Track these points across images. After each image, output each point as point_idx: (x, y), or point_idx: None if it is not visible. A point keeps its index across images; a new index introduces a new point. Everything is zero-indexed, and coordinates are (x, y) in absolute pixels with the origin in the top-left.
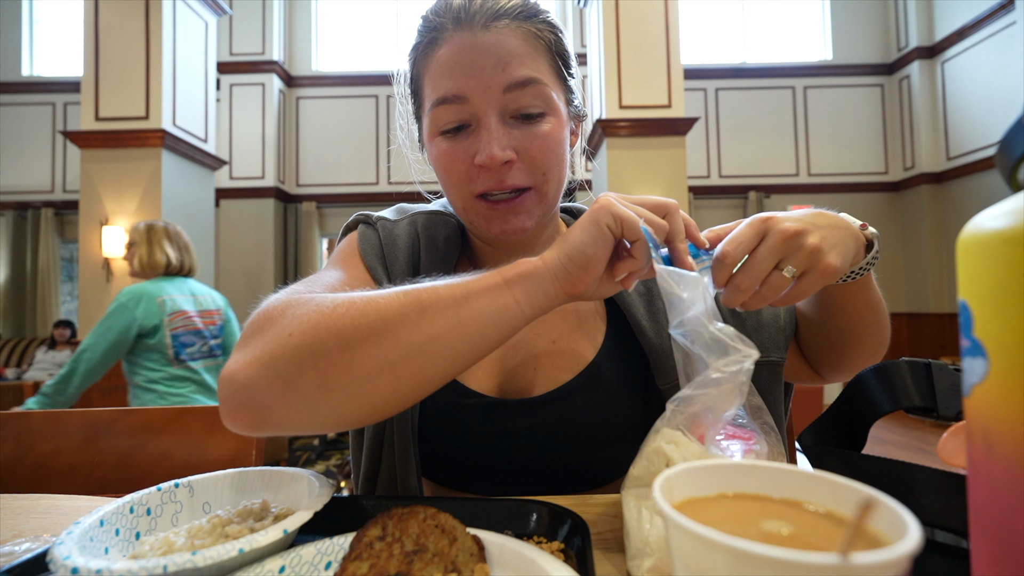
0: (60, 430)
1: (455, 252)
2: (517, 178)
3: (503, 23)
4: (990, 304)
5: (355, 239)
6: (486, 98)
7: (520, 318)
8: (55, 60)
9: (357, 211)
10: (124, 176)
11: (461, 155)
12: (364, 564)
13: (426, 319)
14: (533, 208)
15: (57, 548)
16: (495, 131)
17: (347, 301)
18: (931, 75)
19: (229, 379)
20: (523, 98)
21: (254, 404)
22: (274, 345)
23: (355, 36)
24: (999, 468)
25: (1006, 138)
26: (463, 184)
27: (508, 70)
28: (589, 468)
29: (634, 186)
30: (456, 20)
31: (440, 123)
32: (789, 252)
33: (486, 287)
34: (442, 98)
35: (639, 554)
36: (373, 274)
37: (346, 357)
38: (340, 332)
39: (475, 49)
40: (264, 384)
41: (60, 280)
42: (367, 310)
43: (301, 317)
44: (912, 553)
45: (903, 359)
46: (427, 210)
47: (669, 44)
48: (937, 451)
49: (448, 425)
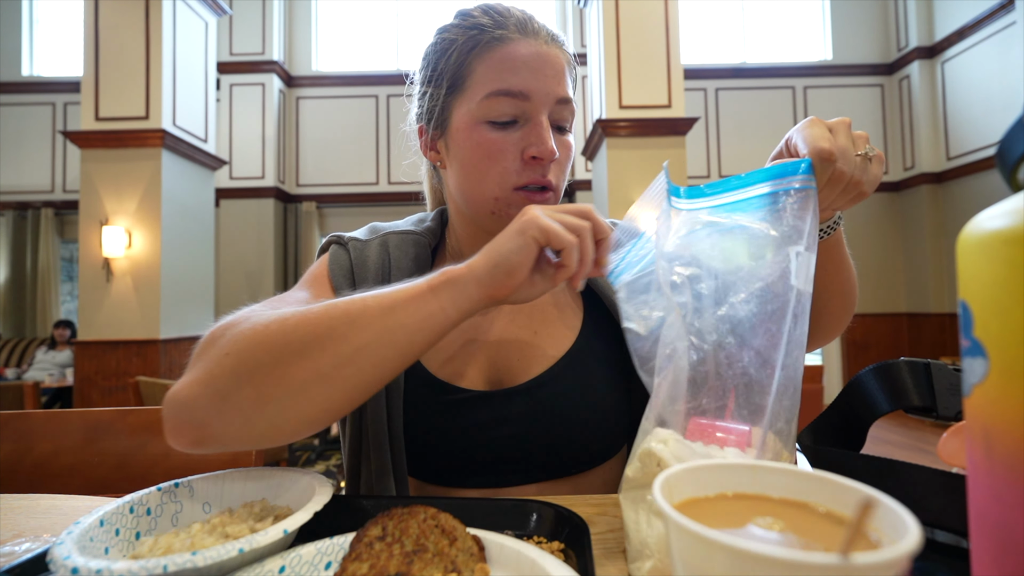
0: (60, 430)
1: (424, 270)
2: (552, 176)
3: (557, 45)
4: (990, 304)
5: (326, 260)
6: (545, 101)
7: (446, 322)
8: (55, 60)
9: (357, 211)
10: (124, 176)
11: (510, 147)
12: (364, 564)
13: (354, 330)
14: (551, 204)
15: (57, 548)
16: (550, 130)
17: (280, 318)
18: (931, 75)
19: (171, 399)
20: (564, 111)
21: (194, 421)
22: (212, 365)
23: (355, 36)
24: (999, 468)
25: (1006, 138)
26: (506, 174)
27: (562, 85)
28: (577, 450)
29: (634, 186)
30: (520, 28)
31: (494, 112)
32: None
33: (412, 296)
34: (505, 90)
35: (639, 556)
36: (339, 295)
37: (279, 371)
38: (273, 347)
39: (543, 57)
40: (203, 402)
41: (60, 280)
42: (298, 325)
43: (237, 336)
44: (912, 553)
45: (902, 359)
46: (399, 230)
47: (669, 44)
48: (937, 451)
49: (439, 424)
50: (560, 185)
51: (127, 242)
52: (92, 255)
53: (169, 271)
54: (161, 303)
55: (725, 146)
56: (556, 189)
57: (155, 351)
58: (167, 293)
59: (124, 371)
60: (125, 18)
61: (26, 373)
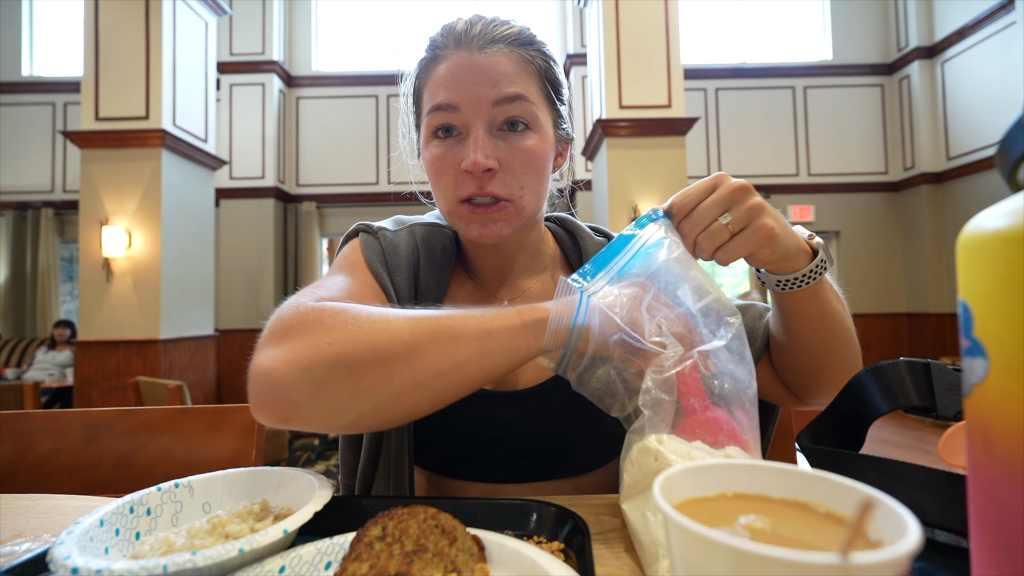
0: (60, 430)
1: (450, 261)
2: (496, 187)
3: (497, 47)
4: (990, 304)
5: (358, 246)
6: (475, 110)
7: (528, 357)
8: (55, 60)
9: (357, 211)
10: (124, 176)
11: (450, 161)
12: (364, 564)
13: (453, 347)
14: (511, 218)
15: (57, 548)
16: (481, 140)
17: (383, 319)
18: (931, 75)
19: (264, 375)
20: (511, 110)
21: (288, 402)
22: (312, 350)
23: (355, 36)
24: (999, 468)
25: (1006, 138)
26: (450, 188)
27: (498, 87)
28: (581, 453)
29: (634, 186)
30: (457, 41)
31: (432, 127)
32: (732, 205)
33: (505, 326)
34: (437, 105)
35: (654, 559)
36: (379, 280)
37: (379, 372)
38: (376, 348)
39: (470, 66)
40: (300, 386)
41: (60, 280)
42: (402, 331)
43: (340, 328)
44: (912, 553)
45: (901, 359)
46: (424, 222)
47: (669, 44)
48: (937, 451)
49: (441, 416)
50: (520, 194)
51: (127, 242)
52: (92, 255)
53: (169, 271)
54: (161, 303)
55: (725, 146)
56: (512, 199)
57: (155, 351)
58: (167, 293)
59: (124, 371)
60: (125, 18)
61: (26, 373)
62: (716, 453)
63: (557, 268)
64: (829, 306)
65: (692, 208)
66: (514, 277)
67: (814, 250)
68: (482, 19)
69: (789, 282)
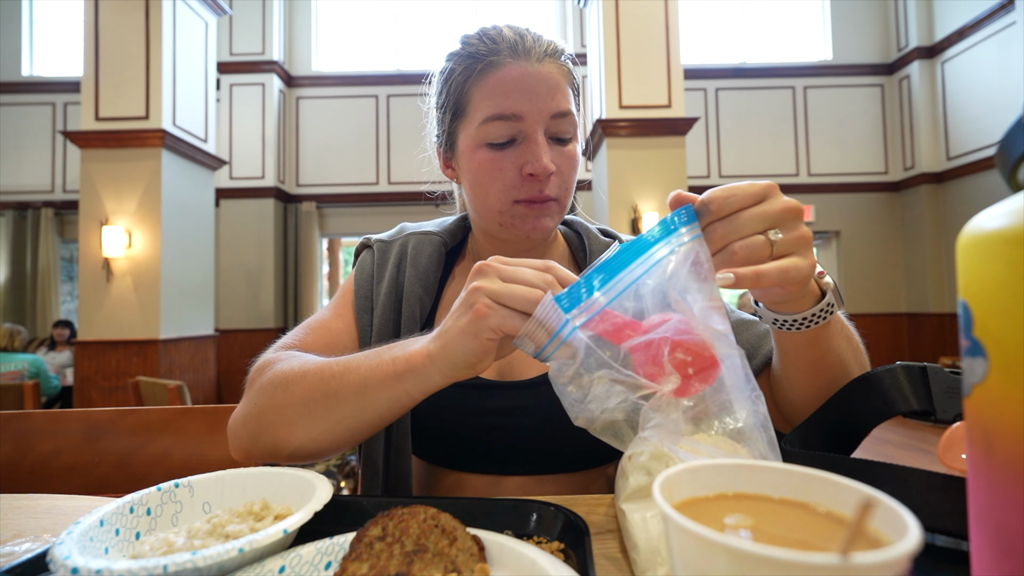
0: (60, 430)
1: (438, 267)
2: (552, 189)
3: (550, 60)
4: (990, 304)
5: (353, 275)
6: (538, 119)
7: (412, 402)
8: (55, 60)
9: (357, 211)
10: (124, 176)
11: (508, 165)
12: (364, 564)
13: (335, 404)
14: (555, 215)
15: (57, 548)
16: (545, 147)
17: (292, 380)
18: (931, 75)
19: (230, 423)
20: (562, 124)
21: (240, 448)
22: (246, 408)
23: (355, 36)
24: (999, 468)
25: (1006, 138)
26: (506, 190)
27: (556, 100)
28: (581, 447)
29: (634, 186)
30: (512, 51)
31: (490, 136)
32: (782, 224)
33: (380, 379)
34: (499, 114)
35: (651, 565)
36: (357, 306)
37: (285, 429)
38: (280, 410)
39: (533, 76)
40: (243, 436)
41: (60, 280)
42: (301, 394)
43: (264, 389)
44: (912, 553)
45: (898, 364)
46: (421, 231)
47: (669, 44)
48: (937, 455)
49: (444, 408)
50: (564, 195)
51: (127, 242)
52: (92, 255)
53: (169, 271)
54: (161, 303)
55: (725, 146)
56: (559, 199)
57: (155, 351)
58: (167, 293)
59: (124, 371)
60: (125, 18)
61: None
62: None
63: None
64: (832, 352)
65: (734, 212)
66: None
67: (823, 290)
68: (528, 30)
69: (788, 322)
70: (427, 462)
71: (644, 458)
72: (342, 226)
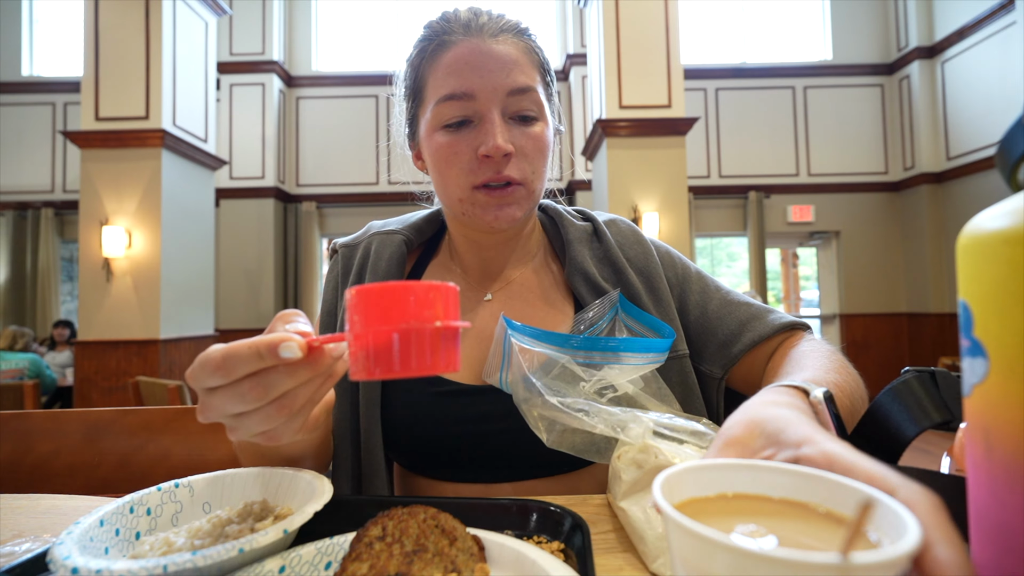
0: (60, 430)
1: (399, 267)
2: (512, 171)
3: (506, 36)
4: (990, 304)
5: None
6: (492, 97)
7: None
8: (55, 60)
9: (357, 211)
10: (124, 176)
11: (463, 148)
12: (364, 564)
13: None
14: (522, 201)
15: (57, 548)
16: (499, 125)
17: None
18: (931, 75)
19: None
20: (522, 102)
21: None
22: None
23: (355, 36)
24: (999, 468)
25: (1006, 138)
26: (463, 175)
27: (512, 75)
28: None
29: (634, 186)
30: (466, 28)
31: (444, 117)
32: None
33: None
34: (449, 94)
35: (660, 552)
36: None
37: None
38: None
39: (485, 53)
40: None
41: (60, 280)
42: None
43: None
44: (912, 553)
45: (909, 374)
46: (384, 229)
47: (669, 44)
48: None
49: (424, 415)
50: (531, 179)
51: (127, 242)
52: (92, 255)
53: (169, 271)
54: (161, 303)
55: (725, 146)
56: (525, 183)
57: (155, 351)
58: (167, 293)
59: (124, 371)
60: (125, 18)
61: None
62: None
63: (542, 256)
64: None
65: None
66: (500, 268)
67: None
68: (488, 11)
69: None
70: (412, 474)
71: (632, 454)
72: (342, 226)
